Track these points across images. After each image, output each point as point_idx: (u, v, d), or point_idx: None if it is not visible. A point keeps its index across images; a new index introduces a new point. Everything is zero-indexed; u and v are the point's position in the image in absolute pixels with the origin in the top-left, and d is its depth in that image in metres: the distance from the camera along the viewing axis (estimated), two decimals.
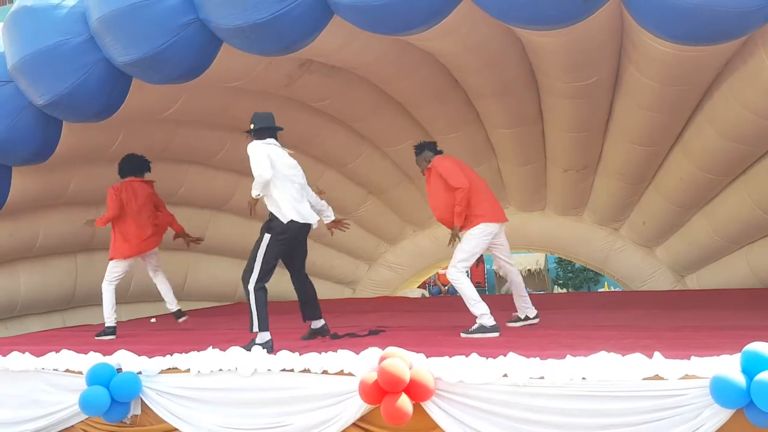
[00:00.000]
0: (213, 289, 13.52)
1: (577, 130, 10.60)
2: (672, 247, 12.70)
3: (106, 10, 7.84)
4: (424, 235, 14.66)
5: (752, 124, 8.52)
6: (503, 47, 8.93)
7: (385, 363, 5.57)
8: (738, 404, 4.79)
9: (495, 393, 5.52)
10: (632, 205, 12.60)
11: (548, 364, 5.46)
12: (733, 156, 9.55)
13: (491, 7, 7.02)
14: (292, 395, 6.22)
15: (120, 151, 10.10)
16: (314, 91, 10.34)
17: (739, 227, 10.90)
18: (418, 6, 7.09)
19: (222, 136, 11.08)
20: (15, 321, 11.00)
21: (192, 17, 7.79)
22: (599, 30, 7.66)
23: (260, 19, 7.42)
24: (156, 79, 8.40)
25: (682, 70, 8.00)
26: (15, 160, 9.32)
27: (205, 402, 6.54)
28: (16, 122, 8.79)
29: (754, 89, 7.98)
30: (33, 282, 10.93)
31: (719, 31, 6.53)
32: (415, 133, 11.82)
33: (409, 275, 15.40)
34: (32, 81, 8.45)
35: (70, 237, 11.11)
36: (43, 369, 7.26)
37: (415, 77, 10.06)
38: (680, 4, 6.19)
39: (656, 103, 9.11)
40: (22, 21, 8.42)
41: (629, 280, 13.61)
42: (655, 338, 6.67)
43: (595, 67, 8.90)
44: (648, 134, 10.17)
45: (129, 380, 6.70)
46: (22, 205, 10.01)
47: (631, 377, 5.17)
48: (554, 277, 27.38)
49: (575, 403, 5.29)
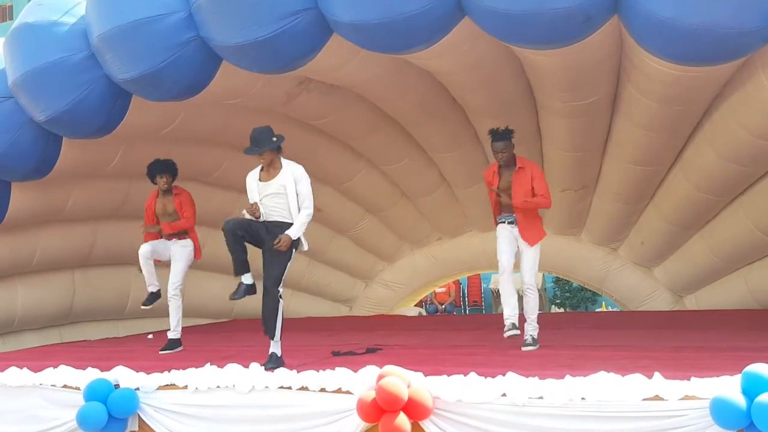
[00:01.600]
0: (210, 305, 13.49)
1: (576, 150, 10.62)
2: (670, 267, 12.71)
3: (106, 27, 7.87)
4: (421, 253, 14.66)
5: (751, 145, 8.54)
6: (502, 66, 8.96)
7: (383, 381, 5.56)
8: (738, 426, 4.78)
9: (493, 412, 5.50)
10: (631, 225, 12.61)
11: (547, 384, 5.45)
12: (732, 177, 9.57)
13: (490, 26, 7.04)
14: (289, 413, 6.19)
15: (119, 167, 10.12)
16: (313, 109, 10.36)
17: (737, 248, 10.91)
18: (417, 25, 7.09)
19: (220, 154, 11.09)
20: (12, 336, 10.97)
21: (192, 35, 7.81)
22: (598, 49, 7.68)
23: (260, 37, 7.44)
24: (156, 96, 8.41)
25: (681, 90, 8.03)
26: (15, 175, 9.32)
27: (203, 419, 6.52)
28: (17, 138, 8.80)
29: (753, 110, 8.01)
30: (31, 297, 10.89)
31: (718, 52, 6.55)
32: (412, 151, 11.87)
33: (406, 294, 15.38)
34: (33, 97, 8.46)
35: (68, 252, 11.09)
36: (40, 384, 7.23)
37: (414, 96, 10.09)
38: (679, 25, 6.21)
39: (655, 123, 9.13)
40: (23, 37, 8.44)
41: (627, 300, 13.60)
42: (654, 358, 6.65)
43: (594, 87, 8.93)
44: (647, 154, 10.20)
45: (126, 396, 6.67)
46: (21, 220, 10.00)
47: (630, 398, 5.16)
48: (551, 296, 27.38)
49: (574, 423, 5.27)
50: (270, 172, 7.47)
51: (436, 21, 7.15)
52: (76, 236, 10.97)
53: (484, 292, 27.29)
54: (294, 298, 14.32)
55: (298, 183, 7.39)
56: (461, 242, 14.34)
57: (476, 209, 13.43)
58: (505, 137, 8.06)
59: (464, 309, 26.70)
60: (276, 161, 7.46)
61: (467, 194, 13.03)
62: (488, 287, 26.57)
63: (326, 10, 7.30)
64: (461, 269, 15.64)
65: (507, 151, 8.08)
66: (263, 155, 7.37)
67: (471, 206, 13.39)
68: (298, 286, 14.22)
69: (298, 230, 7.31)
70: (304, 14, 7.35)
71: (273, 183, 7.42)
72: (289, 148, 11.33)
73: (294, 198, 7.36)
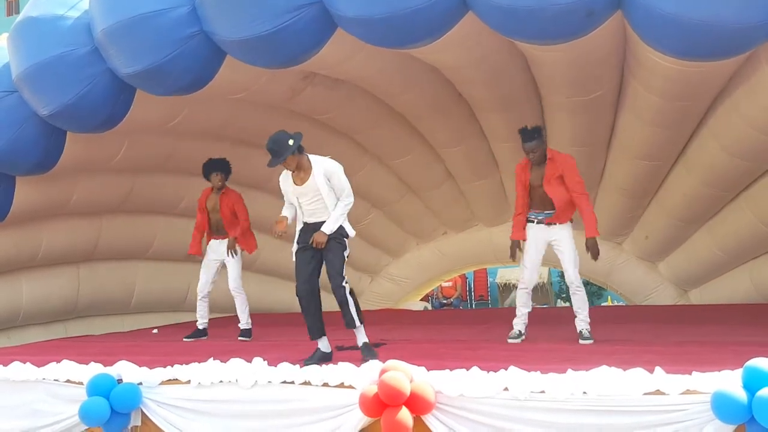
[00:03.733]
0: (215, 300, 13.49)
1: (580, 145, 10.60)
2: (675, 262, 12.68)
3: (110, 22, 7.87)
4: (427, 248, 14.66)
5: (755, 140, 8.53)
6: (506, 61, 8.95)
7: (385, 376, 5.56)
8: (739, 420, 4.77)
9: (495, 407, 5.50)
10: (635, 219, 12.59)
11: (549, 378, 5.44)
12: (736, 171, 9.55)
13: (493, 21, 7.04)
14: (292, 407, 6.19)
15: (123, 162, 10.13)
16: (317, 103, 10.35)
17: (741, 243, 10.89)
18: (421, 20, 7.09)
19: (225, 149, 11.06)
20: (17, 331, 10.99)
21: (196, 29, 7.82)
22: (602, 45, 7.67)
23: (264, 32, 7.43)
24: (159, 90, 8.42)
25: (685, 85, 8.01)
26: (19, 170, 9.34)
27: (206, 414, 6.53)
28: (20, 132, 8.81)
29: (758, 105, 8.00)
30: (35, 292, 10.91)
31: (722, 47, 6.54)
32: (418, 146, 11.85)
33: (412, 288, 15.39)
34: (36, 91, 8.48)
35: (73, 247, 11.11)
36: (43, 379, 7.24)
37: (418, 90, 10.08)
38: (683, 20, 6.20)
39: (659, 118, 9.12)
40: (27, 31, 8.46)
41: (632, 295, 13.59)
42: (657, 353, 6.64)
43: (598, 82, 8.92)
44: (651, 149, 10.18)
45: (129, 391, 6.68)
46: (25, 214, 10.02)
47: (632, 392, 5.15)
48: (557, 290, 27.32)
49: (576, 417, 5.27)
50: (301, 175, 7.33)
51: (439, 16, 7.14)
52: (80, 231, 10.98)
53: (490, 287, 27.22)
54: None
55: (331, 178, 7.32)
56: (467, 236, 14.33)
57: (482, 203, 13.44)
58: (534, 136, 7.90)
59: (470, 303, 26.66)
60: (303, 162, 7.31)
61: (473, 188, 13.03)
62: (494, 281, 26.51)
63: (330, 5, 7.30)
64: (467, 263, 15.63)
65: (539, 150, 7.91)
66: (287, 162, 7.20)
67: (477, 200, 13.39)
68: None
69: (333, 224, 7.27)
70: (308, 9, 7.34)
71: (307, 189, 7.31)
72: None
73: (330, 197, 7.30)
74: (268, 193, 11.16)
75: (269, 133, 7.28)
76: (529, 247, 8.10)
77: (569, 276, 7.97)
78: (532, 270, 8.12)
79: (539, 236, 8.03)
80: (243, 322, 9.81)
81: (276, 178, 7.65)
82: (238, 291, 9.81)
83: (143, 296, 12.28)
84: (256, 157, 9.80)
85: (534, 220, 8.06)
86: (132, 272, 12.11)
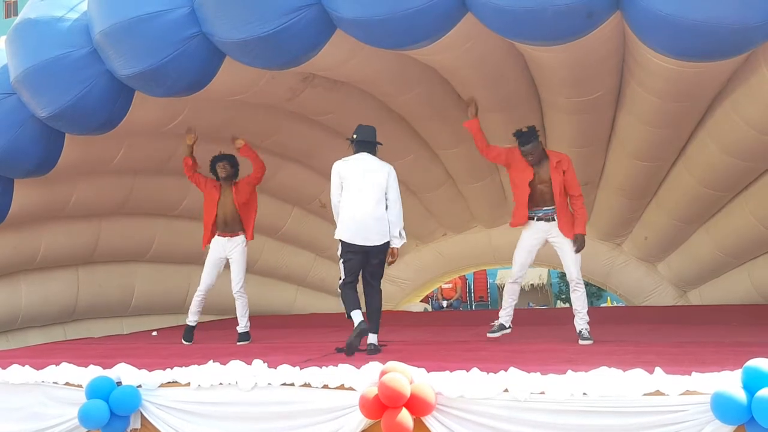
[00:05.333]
0: (214, 302, 13.48)
1: (579, 146, 10.60)
2: (674, 262, 12.69)
3: (109, 23, 7.86)
4: (427, 249, 14.66)
5: (754, 140, 8.53)
6: (505, 62, 8.94)
7: (385, 378, 5.55)
8: (739, 420, 4.77)
9: (495, 408, 5.49)
10: (634, 220, 12.60)
11: (549, 379, 5.44)
12: (735, 172, 9.55)
13: (492, 22, 7.03)
14: (292, 409, 6.18)
15: (122, 164, 10.12)
16: (317, 104, 10.35)
17: (740, 243, 10.90)
18: (420, 21, 7.08)
19: (225, 150, 11.08)
20: (16, 333, 10.97)
21: (195, 31, 7.80)
22: (601, 45, 7.66)
23: (263, 33, 7.43)
24: (158, 92, 8.41)
25: (684, 85, 8.01)
26: (17, 172, 9.32)
27: (206, 416, 6.51)
28: (19, 134, 8.79)
29: (756, 105, 8.00)
30: (34, 295, 10.90)
31: (720, 48, 6.54)
32: (417, 147, 11.84)
33: (412, 289, 15.39)
34: (35, 93, 8.45)
35: (72, 249, 11.10)
36: (42, 382, 7.22)
37: (418, 91, 10.08)
38: (681, 21, 6.19)
39: (658, 118, 9.12)
40: (25, 33, 8.44)
41: (632, 296, 13.60)
42: (656, 354, 6.64)
43: (597, 83, 8.91)
44: (650, 149, 10.18)
45: (128, 394, 6.66)
46: (24, 217, 10.01)
47: (631, 393, 5.15)
48: (557, 291, 27.37)
49: (576, 418, 5.27)
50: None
51: (439, 17, 7.13)
52: (79, 233, 10.98)
53: (489, 288, 27.30)
54: (299, 294, 14.34)
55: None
56: (467, 238, 14.35)
57: (481, 205, 13.44)
58: (531, 139, 8.01)
59: (470, 305, 26.70)
60: None
61: (472, 190, 13.03)
62: (494, 283, 26.58)
63: (329, 6, 7.30)
64: (467, 265, 15.63)
65: (536, 152, 8.02)
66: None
67: (476, 202, 13.39)
68: (303, 282, 14.24)
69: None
70: (307, 10, 7.34)
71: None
72: (293, 144, 11.39)
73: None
74: (269, 193, 11.16)
75: (269, 133, 7.33)
76: (523, 242, 8.21)
77: (571, 273, 7.99)
78: (518, 267, 8.24)
79: (539, 232, 8.13)
80: (242, 326, 9.70)
81: (276, 178, 7.68)
82: (240, 293, 9.68)
83: (142, 299, 12.27)
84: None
85: (534, 216, 8.07)
86: (131, 274, 12.10)
